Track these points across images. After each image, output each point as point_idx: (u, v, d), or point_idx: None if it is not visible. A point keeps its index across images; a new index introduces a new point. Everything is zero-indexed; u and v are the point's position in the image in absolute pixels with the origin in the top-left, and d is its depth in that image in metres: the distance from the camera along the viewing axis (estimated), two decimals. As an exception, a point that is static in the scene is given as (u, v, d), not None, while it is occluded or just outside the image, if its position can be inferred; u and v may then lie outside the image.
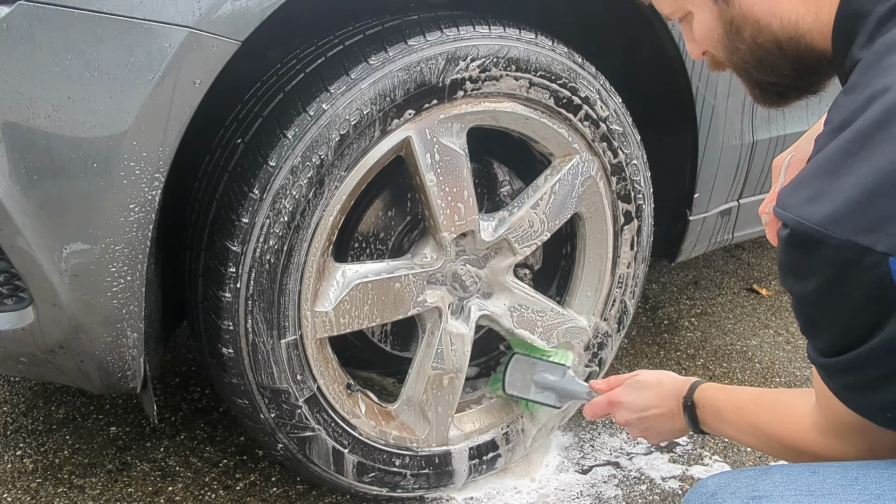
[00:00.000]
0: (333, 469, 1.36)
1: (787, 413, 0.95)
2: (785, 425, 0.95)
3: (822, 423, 0.88)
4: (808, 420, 0.91)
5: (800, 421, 0.92)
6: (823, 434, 0.88)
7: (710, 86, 1.47)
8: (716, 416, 1.08)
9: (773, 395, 1.02)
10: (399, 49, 1.17)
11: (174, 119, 0.99)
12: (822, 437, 0.88)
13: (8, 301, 1.06)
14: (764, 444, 1.00)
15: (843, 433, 0.85)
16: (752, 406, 1.01)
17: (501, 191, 1.47)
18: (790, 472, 0.82)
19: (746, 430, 1.02)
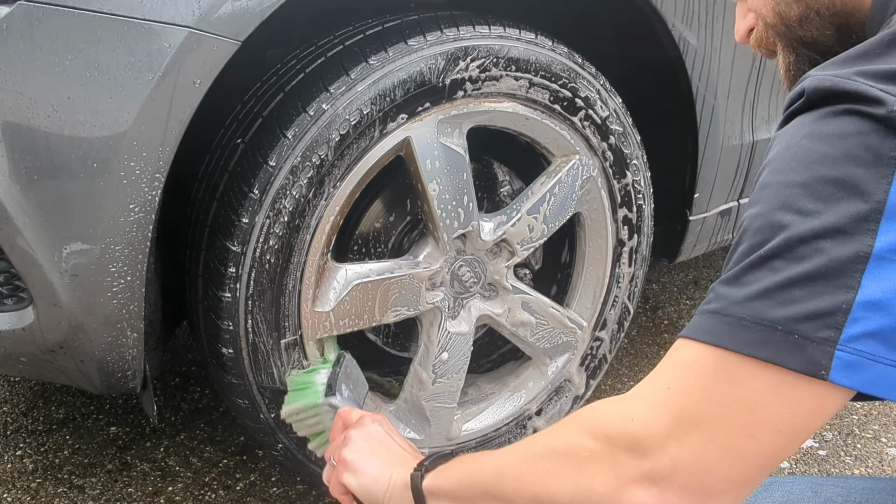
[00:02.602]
0: (333, 469, 1.36)
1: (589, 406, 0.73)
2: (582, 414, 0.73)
3: (644, 389, 0.68)
4: (622, 396, 0.70)
5: (607, 401, 0.72)
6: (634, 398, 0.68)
7: (710, 86, 1.47)
8: (465, 459, 0.85)
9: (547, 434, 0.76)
10: (399, 49, 1.17)
11: (174, 119, 0.99)
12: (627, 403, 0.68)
13: (8, 301, 1.06)
14: None
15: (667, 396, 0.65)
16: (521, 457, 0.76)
17: (501, 191, 1.48)
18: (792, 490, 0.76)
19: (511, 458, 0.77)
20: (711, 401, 0.62)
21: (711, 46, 1.44)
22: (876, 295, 0.58)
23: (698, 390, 0.63)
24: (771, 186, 0.62)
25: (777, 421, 0.61)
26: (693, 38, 1.41)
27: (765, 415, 0.60)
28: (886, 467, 1.65)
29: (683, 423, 0.62)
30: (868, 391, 0.59)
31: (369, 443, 0.97)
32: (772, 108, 1.61)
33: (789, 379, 0.59)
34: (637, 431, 0.65)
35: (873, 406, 1.87)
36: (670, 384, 0.65)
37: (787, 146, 0.63)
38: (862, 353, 0.58)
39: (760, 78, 1.55)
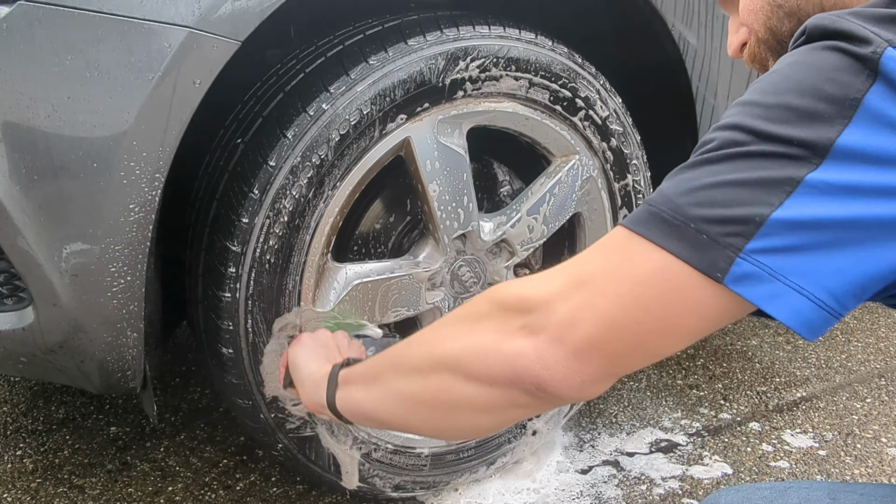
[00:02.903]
0: (333, 469, 1.36)
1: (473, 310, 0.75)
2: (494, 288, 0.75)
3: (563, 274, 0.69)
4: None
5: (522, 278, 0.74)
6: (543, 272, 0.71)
7: (710, 86, 1.47)
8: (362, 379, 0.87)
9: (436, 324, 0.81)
10: (399, 49, 1.17)
11: (174, 119, 0.99)
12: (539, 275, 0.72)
13: (8, 301, 1.06)
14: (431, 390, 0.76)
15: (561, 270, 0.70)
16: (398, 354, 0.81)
17: (501, 190, 1.47)
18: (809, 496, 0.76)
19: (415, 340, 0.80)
20: (604, 272, 0.65)
21: (711, 46, 1.44)
22: (793, 216, 0.59)
23: (598, 263, 0.67)
24: (742, 104, 0.65)
25: (658, 307, 0.63)
26: (693, 38, 1.41)
27: (648, 296, 0.63)
28: (886, 467, 1.65)
29: (571, 285, 0.66)
30: (763, 307, 0.61)
31: (314, 343, 1.07)
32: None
33: (686, 273, 0.62)
34: (529, 293, 0.69)
35: (873, 406, 1.87)
36: (578, 258, 0.69)
37: (774, 70, 0.65)
38: (763, 266, 0.60)
39: (760, 78, 1.55)
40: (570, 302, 0.66)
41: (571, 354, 0.66)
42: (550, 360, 0.67)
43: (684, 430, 1.74)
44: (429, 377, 0.76)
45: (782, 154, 0.61)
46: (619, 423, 1.76)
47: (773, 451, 1.69)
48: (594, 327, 0.65)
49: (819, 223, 0.60)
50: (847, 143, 0.59)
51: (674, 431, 1.73)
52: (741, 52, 0.91)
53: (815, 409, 1.85)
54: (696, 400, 1.85)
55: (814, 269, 0.60)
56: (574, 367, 0.66)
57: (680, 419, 1.78)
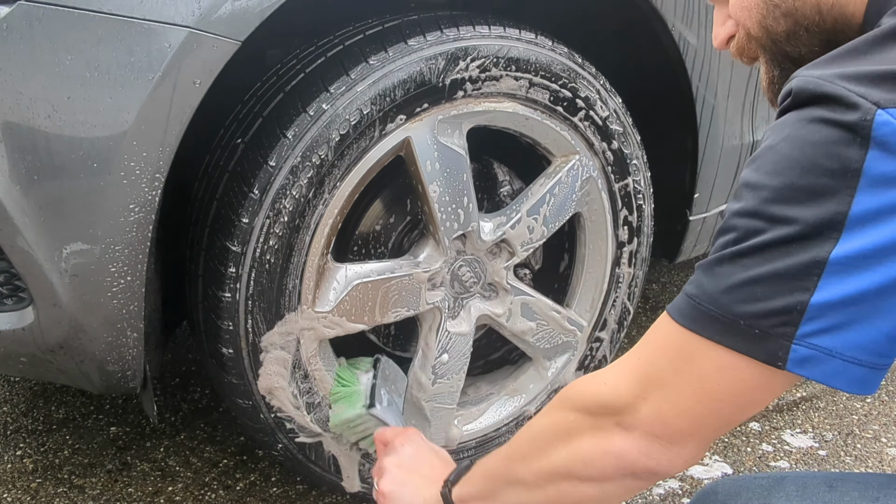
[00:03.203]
0: (333, 469, 1.36)
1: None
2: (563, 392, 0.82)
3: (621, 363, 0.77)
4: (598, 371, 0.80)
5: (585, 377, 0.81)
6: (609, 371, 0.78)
7: (710, 86, 1.47)
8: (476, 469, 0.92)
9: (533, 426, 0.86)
10: (399, 49, 1.17)
11: (174, 119, 0.99)
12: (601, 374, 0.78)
13: (8, 301, 1.06)
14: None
15: (638, 364, 0.75)
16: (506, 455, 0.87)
17: (501, 191, 1.47)
18: (805, 483, 0.78)
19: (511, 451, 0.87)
20: (674, 373, 0.71)
21: (711, 46, 1.43)
22: (830, 297, 0.63)
23: (664, 364, 0.72)
24: (750, 187, 0.67)
25: (730, 395, 0.69)
26: (693, 38, 1.41)
27: (719, 389, 0.69)
28: (886, 467, 1.65)
29: (646, 387, 0.72)
30: (826, 383, 0.65)
31: (401, 470, 1.05)
32: (771, 108, 1.61)
33: (749, 364, 0.67)
34: (608, 394, 0.76)
35: (873, 406, 1.87)
36: (640, 356, 0.75)
37: (770, 146, 0.67)
38: (817, 348, 0.64)
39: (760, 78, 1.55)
40: (652, 403, 0.72)
41: (668, 444, 0.73)
42: (652, 451, 0.74)
43: (684, 430, 1.74)
44: (546, 489, 0.82)
45: (802, 236, 0.63)
46: (619, 423, 1.75)
47: (773, 451, 1.69)
48: (680, 421, 0.72)
49: (855, 297, 0.63)
50: (859, 211, 0.61)
51: (674, 431, 1.73)
52: (727, 45, 0.91)
53: (815, 409, 1.85)
54: (696, 400, 1.85)
55: (864, 340, 0.64)
56: (674, 451, 0.73)
57: (680, 419, 1.77)
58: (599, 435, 0.76)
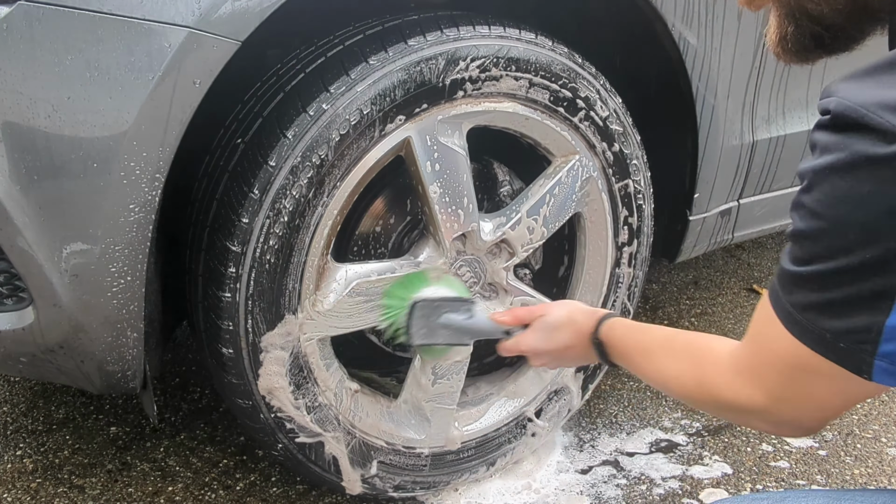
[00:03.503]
0: (333, 469, 1.36)
1: (702, 352, 0.93)
2: (696, 364, 0.92)
3: (743, 362, 0.85)
4: (726, 359, 0.88)
5: (715, 360, 0.89)
6: (739, 374, 0.85)
7: (710, 86, 1.47)
8: (623, 357, 1.07)
9: (687, 337, 1.00)
10: (399, 49, 1.17)
11: (174, 119, 0.99)
12: (735, 378, 0.85)
13: (8, 301, 1.06)
14: (668, 385, 0.99)
15: (761, 374, 0.82)
16: (661, 350, 1.00)
17: (501, 191, 1.47)
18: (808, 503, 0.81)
19: (653, 375, 1.02)
20: (793, 385, 0.78)
21: (711, 46, 1.44)
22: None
23: (783, 377, 0.79)
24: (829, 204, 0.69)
25: (840, 396, 0.76)
26: (693, 38, 1.41)
27: (829, 393, 0.76)
28: (886, 467, 1.65)
29: (777, 400, 0.81)
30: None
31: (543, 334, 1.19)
32: (772, 108, 1.61)
33: (845, 374, 0.72)
34: (748, 405, 0.84)
35: (873, 406, 1.87)
36: (762, 367, 0.81)
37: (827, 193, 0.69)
38: None
39: (760, 78, 1.55)
40: (782, 410, 0.81)
41: (807, 429, 0.83)
42: (794, 432, 0.85)
43: (684, 429, 1.74)
44: (696, 400, 0.95)
45: (876, 265, 0.67)
46: (619, 423, 1.76)
47: (773, 451, 1.69)
48: (809, 417, 0.81)
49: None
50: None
51: (674, 431, 1.73)
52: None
53: (815, 409, 1.85)
54: (696, 400, 1.85)
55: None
56: (812, 427, 0.83)
57: (680, 419, 1.78)
58: (748, 420, 0.87)
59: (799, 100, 1.64)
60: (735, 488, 1.57)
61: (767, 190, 1.71)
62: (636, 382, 1.90)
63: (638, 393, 1.87)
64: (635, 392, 1.87)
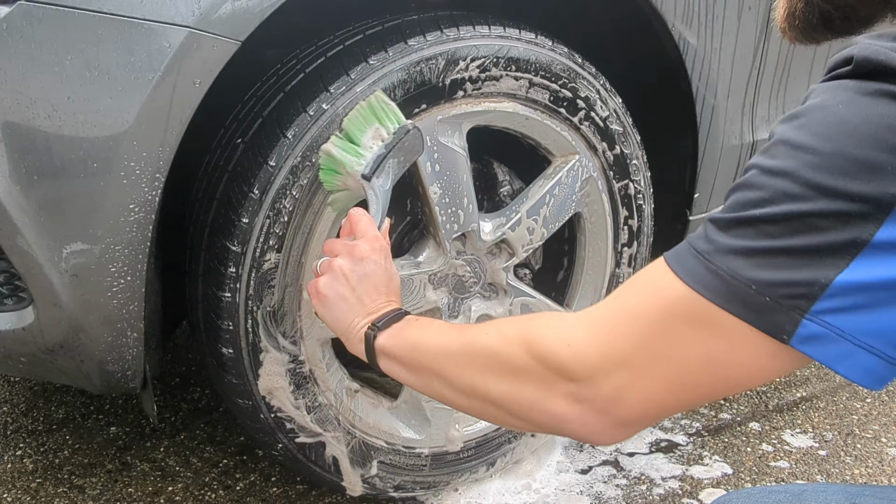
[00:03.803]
0: (333, 469, 1.36)
1: (548, 314, 0.79)
2: (528, 319, 0.78)
3: (596, 312, 0.71)
4: (578, 314, 0.74)
5: (562, 314, 0.77)
6: (579, 324, 0.71)
7: (710, 86, 1.47)
8: (420, 327, 0.91)
9: None
10: (399, 49, 1.17)
11: (174, 119, 0.99)
12: (572, 327, 0.71)
13: (8, 301, 1.06)
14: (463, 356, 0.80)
15: (613, 324, 0.69)
16: (473, 328, 0.85)
17: (501, 191, 1.47)
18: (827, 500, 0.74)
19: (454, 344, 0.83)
20: (649, 351, 0.65)
21: (711, 46, 1.44)
22: (860, 279, 0.58)
23: (643, 328, 0.66)
24: (790, 144, 0.61)
25: (714, 368, 0.64)
26: (693, 38, 1.41)
27: (702, 361, 0.64)
28: (886, 467, 1.65)
29: (615, 363, 0.67)
30: (831, 366, 0.61)
31: (346, 282, 1.00)
32: (772, 108, 1.61)
33: (750, 334, 0.61)
34: (569, 359, 0.69)
35: (873, 406, 1.87)
36: (617, 319, 0.68)
37: (821, 105, 0.62)
38: (830, 327, 0.59)
39: (760, 78, 1.55)
40: (616, 383, 0.67)
41: (617, 425, 0.69)
42: (595, 427, 0.70)
43: (684, 429, 1.74)
44: (471, 401, 0.80)
45: (845, 212, 0.58)
46: (619, 423, 1.75)
47: (773, 450, 1.69)
48: (641, 407, 0.67)
49: (885, 283, 0.58)
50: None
51: (674, 431, 1.73)
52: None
53: (815, 409, 1.85)
54: (696, 400, 1.85)
55: (882, 327, 0.59)
56: (619, 431, 0.70)
57: (680, 419, 1.77)
58: (546, 392, 0.72)
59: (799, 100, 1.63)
60: (735, 488, 1.57)
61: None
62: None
63: (638, 393, 1.87)
64: (635, 392, 1.87)
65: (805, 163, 0.60)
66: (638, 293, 0.69)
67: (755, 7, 1.45)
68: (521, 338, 0.75)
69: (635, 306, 0.68)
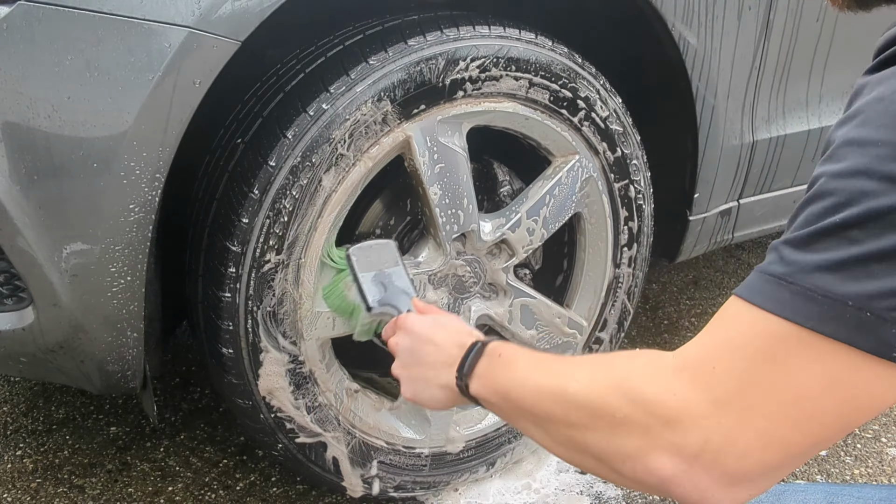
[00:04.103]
0: (333, 469, 1.36)
1: (637, 354, 0.71)
2: (621, 363, 0.70)
3: (692, 356, 0.64)
4: (670, 357, 0.66)
5: (655, 358, 0.67)
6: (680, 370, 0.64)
7: (710, 86, 1.47)
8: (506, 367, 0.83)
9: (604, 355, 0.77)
10: (399, 49, 1.17)
11: (174, 119, 0.99)
12: (673, 375, 0.64)
13: (8, 301, 1.06)
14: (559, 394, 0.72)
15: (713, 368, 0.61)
16: (568, 361, 0.78)
17: (501, 191, 1.47)
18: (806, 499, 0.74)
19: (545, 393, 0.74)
20: (758, 386, 0.58)
21: (711, 46, 1.44)
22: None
23: (744, 369, 0.59)
24: (855, 143, 0.57)
25: (829, 408, 0.57)
26: (693, 38, 1.41)
27: (817, 403, 0.57)
28: (886, 467, 1.65)
29: (724, 408, 0.59)
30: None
31: (413, 355, 0.99)
32: (772, 108, 1.61)
33: (855, 359, 0.55)
34: (675, 408, 0.62)
35: (873, 406, 1.86)
36: (715, 362, 0.61)
37: (879, 97, 0.58)
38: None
39: (760, 78, 1.55)
40: (727, 428, 0.59)
41: (731, 482, 0.60)
42: (707, 488, 0.61)
43: (684, 430, 1.74)
44: (571, 452, 0.72)
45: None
46: (619, 423, 1.75)
47: (773, 451, 1.68)
48: (764, 453, 0.59)
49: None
50: None
51: (674, 431, 1.73)
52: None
53: (815, 409, 1.85)
54: (696, 400, 1.85)
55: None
56: (732, 491, 0.61)
57: (680, 419, 1.77)
58: (649, 446, 0.63)
59: (799, 100, 1.64)
60: (735, 488, 1.57)
61: (767, 190, 1.71)
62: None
63: (638, 393, 1.86)
64: (635, 392, 1.87)
65: (877, 157, 0.55)
66: (724, 332, 0.63)
67: (755, 7, 1.45)
68: (620, 385, 0.67)
69: (727, 345, 0.61)
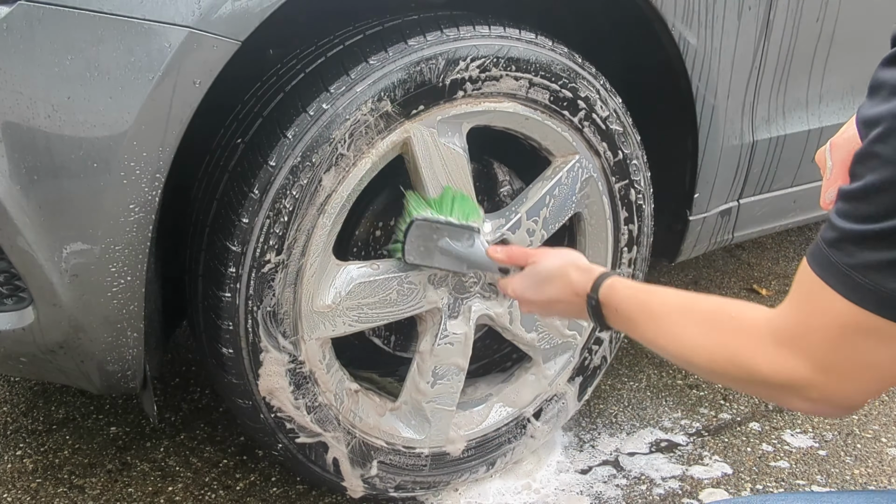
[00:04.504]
0: (333, 469, 1.36)
1: (732, 320, 0.82)
2: (726, 333, 0.82)
3: (786, 331, 0.76)
4: (764, 329, 0.78)
5: (750, 330, 0.80)
6: (780, 345, 0.76)
7: (710, 86, 1.47)
8: (627, 322, 0.97)
9: (710, 302, 0.88)
10: (399, 49, 1.17)
11: (174, 119, 0.99)
12: (777, 350, 0.77)
13: (8, 301, 1.06)
14: (689, 357, 0.86)
15: (809, 343, 0.75)
16: (678, 315, 0.88)
17: (501, 191, 1.47)
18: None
19: (667, 345, 0.89)
20: (847, 353, 0.71)
21: (711, 46, 1.44)
22: None
23: (835, 346, 0.72)
24: None
25: None
26: (693, 38, 1.41)
27: (890, 359, 0.70)
28: (886, 467, 1.65)
29: (827, 372, 0.73)
30: None
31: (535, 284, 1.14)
32: (772, 108, 1.61)
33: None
34: (792, 378, 0.75)
35: (873, 406, 1.87)
36: (810, 337, 0.74)
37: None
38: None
39: (760, 78, 1.55)
40: (833, 384, 0.74)
41: (846, 409, 0.76)
42: (829, 411, 0.77)
43: (684, 430, 1.74)
44: (725, 375, 0.83)
45: None
46: (619, 423, 1.76)
47: (773, 451, 1.69)
48: (862, 393, 0.74)
49: None
50: None
51: (674, 431, 1.73)
52: None
53: (815, 409, 1.85)
54: (696, 400, 1.85)
55: None
56: (849, 411, 0.76)
57: (680, 419, 1.78)
58: (780, 401, 0.79)
59: (799, 100, 1.64)
60: (735, 488, 1.57)
61: (767, 190, 1.71)
62: (636, 382, 1.90)
63: (638, 393, 1.87)
64: (635, 392, 1.87)
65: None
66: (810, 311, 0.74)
67: (755, 7, 1.45)
68: (735, 362, 0.80)
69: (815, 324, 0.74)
